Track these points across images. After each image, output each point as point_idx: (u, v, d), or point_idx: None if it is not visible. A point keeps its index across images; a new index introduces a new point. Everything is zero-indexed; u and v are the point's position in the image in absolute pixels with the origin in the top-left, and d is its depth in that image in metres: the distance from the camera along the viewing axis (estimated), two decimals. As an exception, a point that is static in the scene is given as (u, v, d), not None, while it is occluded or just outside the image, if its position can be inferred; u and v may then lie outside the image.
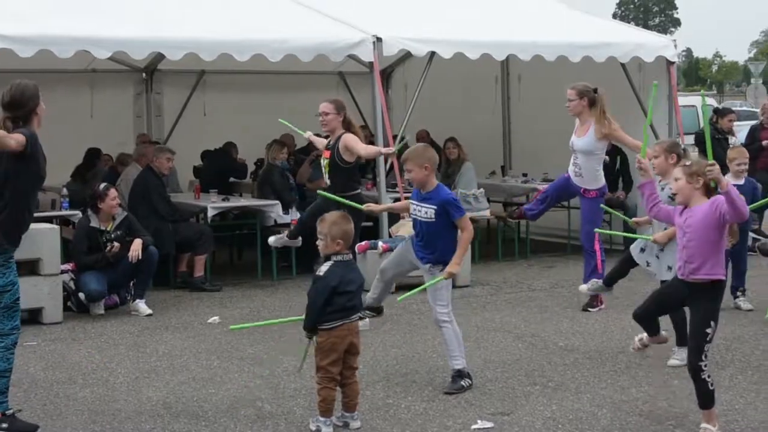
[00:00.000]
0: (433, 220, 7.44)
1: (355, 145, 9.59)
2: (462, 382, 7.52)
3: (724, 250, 6.28)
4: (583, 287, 9.72)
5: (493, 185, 15.15)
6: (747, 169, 10.24)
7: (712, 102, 29.01)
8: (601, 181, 10.40)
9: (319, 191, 9.59)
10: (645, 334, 7.04)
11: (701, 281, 6.22)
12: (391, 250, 9.52)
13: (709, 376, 6.22)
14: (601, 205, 9.85)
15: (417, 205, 7.57)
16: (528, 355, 8.63)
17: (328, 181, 9.81)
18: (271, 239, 10.54)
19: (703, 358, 6.18)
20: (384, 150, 10.31)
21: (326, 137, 10.13)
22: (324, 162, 9.88)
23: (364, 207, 8.79)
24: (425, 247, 7.58)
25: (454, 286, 11.48)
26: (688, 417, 6.71)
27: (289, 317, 6.85)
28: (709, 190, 6.21)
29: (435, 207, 7.42)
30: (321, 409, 6.51)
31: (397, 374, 8.01)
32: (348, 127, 9.78)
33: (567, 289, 11.51)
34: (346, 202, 8.68)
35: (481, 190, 13.90)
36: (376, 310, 8.50)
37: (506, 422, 6.76)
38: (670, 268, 7.80)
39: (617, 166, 14.11)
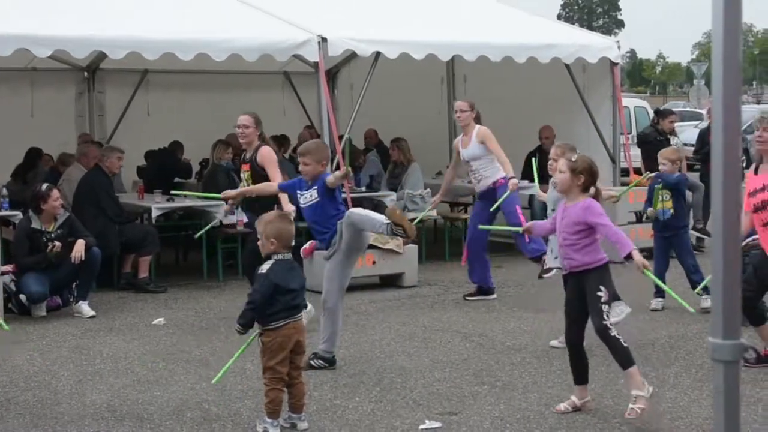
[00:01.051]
0: (318, 199, 8.00)
1: (270, 166, 9.67)
2: (312, 362, 8.03)
3: (597, 237, 6.71)
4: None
5: (439, 185, 15.12)
6: (673, 168, 10.32)
7: (645, 104, 29.27)
8: (500, 170, 10.77)
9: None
10: (573, 397, 6.96)
11: (584, 269, 6.68)
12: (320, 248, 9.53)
13: (618, 334, 6.62)
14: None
15: (302, 194, 8.11)
16: (476, 354, 8.63)
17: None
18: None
19: (606, 317, 6.59)
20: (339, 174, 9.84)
21: (243, 150, 10.19)
22: (245, 175, 9.86)
23: (223, 195, 9.27)
24: (320, 230, 8.12)
25: (401, 286, 11.60)
26: (634, 415, 6.74)
27: (247, 340, 6.79)
28: (587, 188, 6.71)
29: (317, 187, 7.98)
30: (268, 411, 6.46)
31: (344, 375, 7.98)
32: (263, 139, 9.91)
33: (514, 288, 11.54)
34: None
35: (428, 190, 13.92)
36: None
37: (454, 422, 6.75)
38: (556, 257, 8.09)
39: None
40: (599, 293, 6.60)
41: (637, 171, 14.80)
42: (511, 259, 13.20)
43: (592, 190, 6.77)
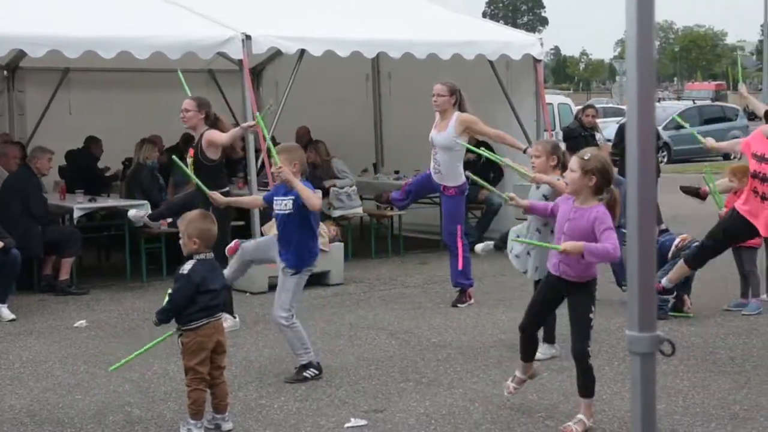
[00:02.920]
0: (291, 211, 7.64)
1: (215, 137, 9.34)
2: (305, 373, 7.67)
3: None
4: (478, 247, 9.35)
5: (365, 182, 15.19)
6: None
7: (569, 101, 29.55)
8: (461, 179, 10.35)
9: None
10: (517, 372, 6.89)
11: (576, 281, 6.33)
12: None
13: (591, 362, 6.36)
14: (467, 174, 9.91)
15: (279, 200, 7.77)
16: (401, 351, 8.64)
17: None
18: (131, 212, 10.47)
19: (590, 344, 6.31)
20: (245, 125, 9.92)
21: (190, 136, 9.96)
22: (189, 161, 9.68)
23: (209, 193, 8.62)
24: (283, 244, 7.75)
25: (327, 285, 11.58)
26: (558, 408, 6.81)
27: (159, 338, 6.71)
28: (599, 191, 6.19)
29: (293, 197, 7.62)
30: (192, 412, 6.40)
31: (269, 374, 7.94)
32: (213, 124, 9.56)
33: (440, 285, 11.57)
34: (199, 183, 8.66)
35: (354, 187, 13.92)
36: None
37: (380, 419, 6.75)
38: (537, 268, 7.89)
39: (482, 159, 14.29)
40: (591, 315, 6.29)
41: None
42: (436, 256, 13.23)
43: (606, 193, 6.23)
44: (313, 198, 7.60)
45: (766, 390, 7.23)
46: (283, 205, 7.70)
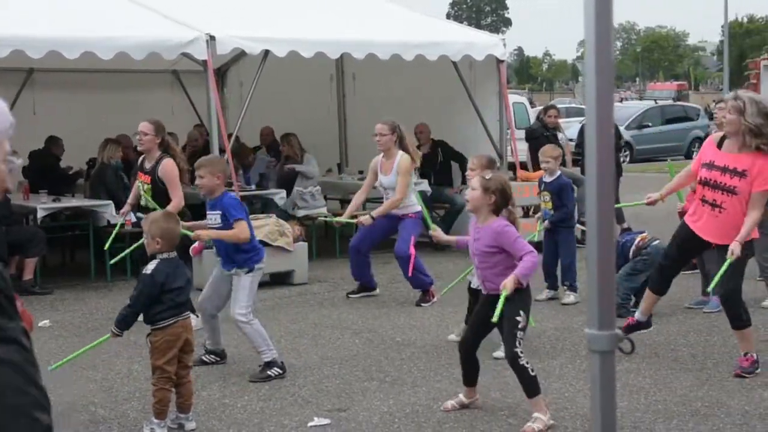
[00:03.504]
0: (221, 225, 7.72)
1: (172, 178, 9.42)
2: (269, 372, 7.70)
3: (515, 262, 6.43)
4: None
5: (329, 182, 15.21)
6: (556, 164, 10.57)
7: (524, 100, 29.40)
8: (416, 207, 10.36)
9: None
10: (461, 395, 6.96)
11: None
12: (209, 247, 9.37)
13: (527, 362, 6.46)
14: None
15: (209, 214, 7.87)
16: (365, 350, 8.68)
17: (153, 204, 9.44)
18: None
19: (518, 344, 6.42)
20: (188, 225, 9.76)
21: (143, 158, 9.86)
22: (144, 186, 9.60)
23: (192, 235, 8.24)
24: (222, 255, 7.87)
25: (291, 284, 11.59)
26: (521, 406, 6.86)
27: (98, 339, 6.75)
28: (498, 209, 6.47)
29: (219, 212, 7.70)
30: (156, 411, 6.42)
31: (233, 373, 7.95)
32: (165, 150, 9.64)
33: (404, 284, 11.58)
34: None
35: (318, 187, 13.94)
36: (220, 355, 8.37)
37: (343, 418, 6.78)
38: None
39: (440, 158, 14.41)
40: (518, 318, 6.42)
41: (523, 166, 15.06)
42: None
43: (505, 212, 6.52)
44: (238, 236, 7.67)
45: (726, 386, 7.33)
46: (213, 219, 7.81)
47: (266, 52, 12.40)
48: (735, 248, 7.35)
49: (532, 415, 6.50)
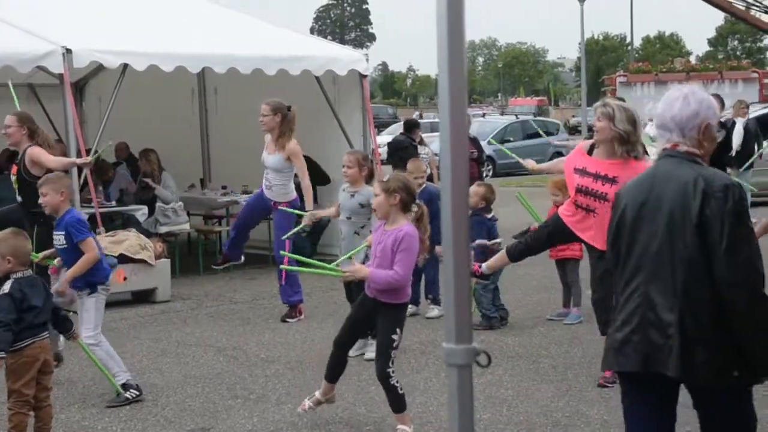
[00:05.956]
0: (66, 245, 7.51)
1: (40, 157, 9.19)
2: (127, 395, 7.50)
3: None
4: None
5: (192, 198, 15.01)
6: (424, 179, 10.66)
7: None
8: (292, 195, 10.44)
9: None
10: (317, 393, 6.94)
11: (386, 302, 6.43)
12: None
13: (397, 381, 6.45)
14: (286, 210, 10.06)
15: (55, 234, 7.63)
16: (230, 368, 8.57)
17: (19, 198, 9.40)
18: None
19: (390, 364, 6.39)
20: (79, 161, 9.95)
21: (13, 151, 9.69)
22: (13, 178, 9.46)
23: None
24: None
25: (154, 302, 11.39)
26: (386, 421, 6.86)
27: None
28: (406, 205, 6.40)
29: (63, 232, 7.49)
30: (11, 437, 6.20)
31: (93, 395, 7.76)
32: (34, 138, 9.35)
33: (269, 300, 11.53)
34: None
35: (180, 203, 13.75)
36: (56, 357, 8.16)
37: (207, 438, 6.68)
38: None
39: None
40: (394, 336, 6.40)
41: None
42: (265, 272, 13.18)
43: (415, 208, 6.50)
44: (89, 260, 7.45)
45: (586, 397, 7.46)
46: (59, 240, 7.57)
47: (125, 66, 12.18)
48: None
49: (397, 428, 6.52)
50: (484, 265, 8.38)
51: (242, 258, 11.19)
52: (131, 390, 7.54)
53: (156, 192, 13.96)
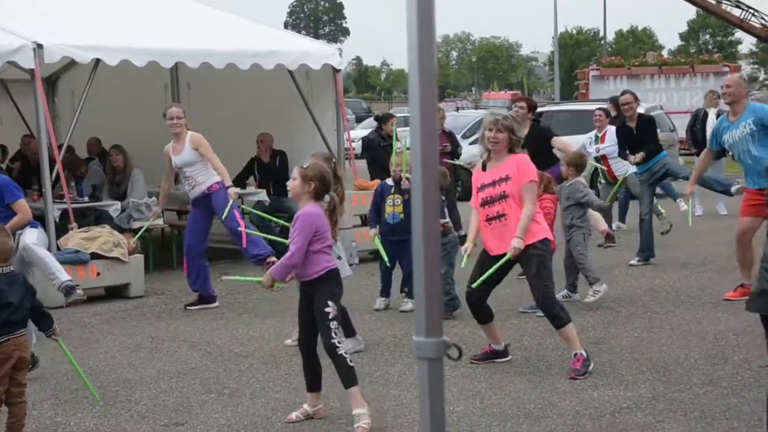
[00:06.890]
0: None
1: None
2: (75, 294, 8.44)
3: (320, 247, 6.62)
4: None
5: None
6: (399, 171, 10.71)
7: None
8: (214, 175, 10.84)
9: None
10: (305, 405, 6.95)
11: (309, 279, 6.64)
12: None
13: (345, 353, 6.62)
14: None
15: None
16: (203, 363, 8.57)
17: None
18: None
19: (334, 335, 6.57)
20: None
21: None
22: None
23: None
24: None
25: (128, 297, 11.37)
26: (359, 415, 6.87)
27: None
28: (319, 194, 6.65)
29: None
30: (-17, 433, 6.19)
31: (66, 390, 7.75)
32: None
33: (243, 295, 11.53)
34: None
35: (153, 198, 13.71)
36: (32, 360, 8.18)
37: (180, 432, 6.69)
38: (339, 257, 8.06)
39: (279, 168, 14.36)
40: (327, 309, 6.55)
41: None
42: (237, 266, 13.17)
43: (327, 197, 6.73)
44: (24, 219, 7.78)
45: (558, 388, 7.50)
46: None
47: (97, 61, 12.14)
48: (515, 243, 7.76)
49: (354, 413, 6.58)
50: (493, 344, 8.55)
51: (216, 302, 11.14)
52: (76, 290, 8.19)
53: (130, 195, 13.90)
